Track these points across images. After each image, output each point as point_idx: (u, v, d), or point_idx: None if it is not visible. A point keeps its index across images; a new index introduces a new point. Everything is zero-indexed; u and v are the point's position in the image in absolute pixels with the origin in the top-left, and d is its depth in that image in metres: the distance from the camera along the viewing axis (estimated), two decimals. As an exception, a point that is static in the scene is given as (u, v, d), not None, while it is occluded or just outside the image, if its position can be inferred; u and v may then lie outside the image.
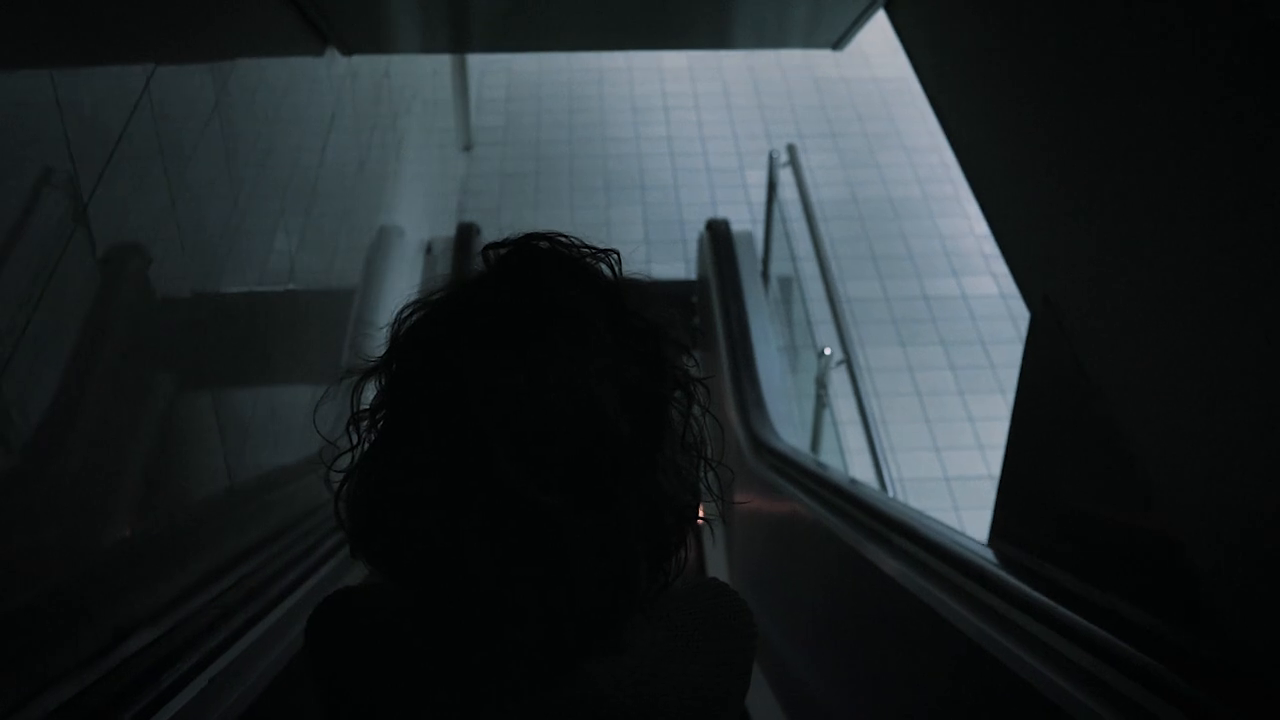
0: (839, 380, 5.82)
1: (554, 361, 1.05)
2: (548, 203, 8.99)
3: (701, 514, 1.23)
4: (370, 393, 1.15)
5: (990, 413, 7.29)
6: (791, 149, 7.13)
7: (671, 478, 1.13)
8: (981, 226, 8.68)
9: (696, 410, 1.17)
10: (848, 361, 5.70)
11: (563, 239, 1.13)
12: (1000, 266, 8.31)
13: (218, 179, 2.71)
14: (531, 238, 1.13)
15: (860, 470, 6.06)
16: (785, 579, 4.67)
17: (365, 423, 1.14)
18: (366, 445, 1.14)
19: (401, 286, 6.01)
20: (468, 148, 9.54)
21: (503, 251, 1.13)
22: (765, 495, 4.98)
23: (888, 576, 2.73)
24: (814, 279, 6.97)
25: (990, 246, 8.60)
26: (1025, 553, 2.48)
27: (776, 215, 7.32)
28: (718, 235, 6.80)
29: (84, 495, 1.89)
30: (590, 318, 1.08)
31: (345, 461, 1.15)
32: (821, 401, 5.87)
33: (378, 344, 1.14)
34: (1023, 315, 8.10)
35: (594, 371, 1.06)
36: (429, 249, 6.70)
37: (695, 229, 8.68)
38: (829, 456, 6.03)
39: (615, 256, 1.15)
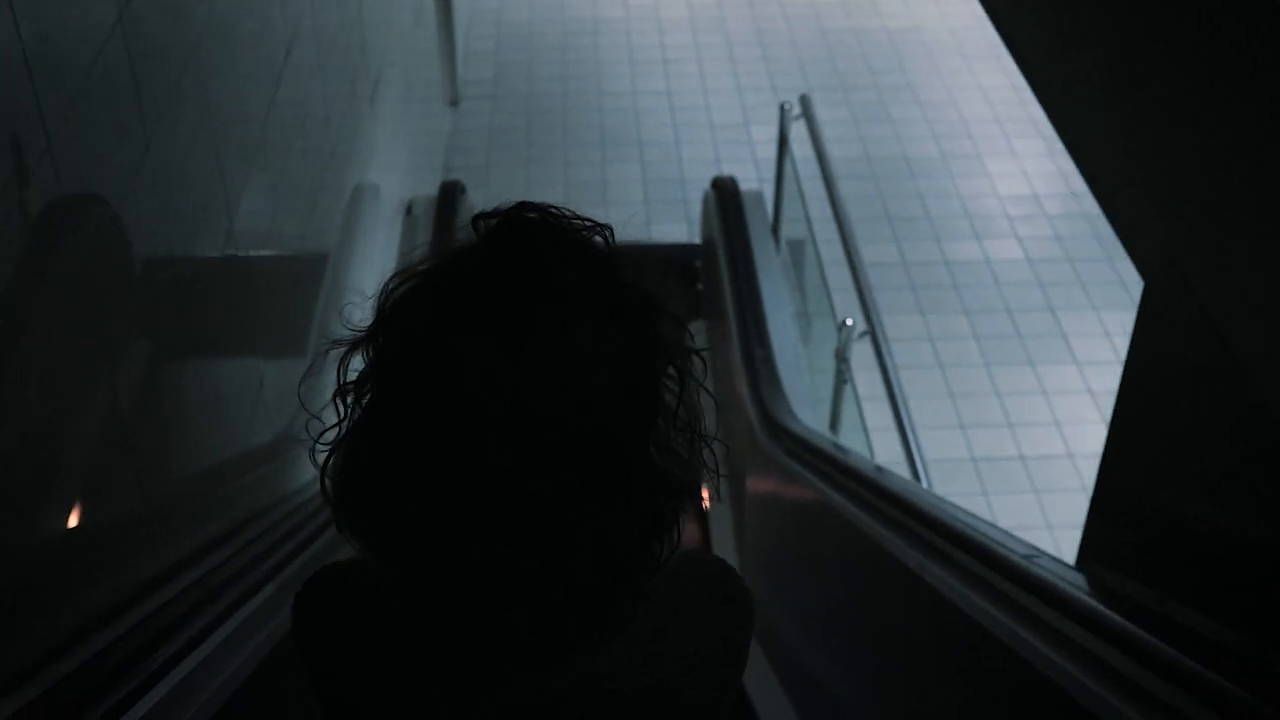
0: (860, 353, 5.27)
1: (542, 341, 1.03)
2: (540, 160, 8.40)
3: (706, 500, 1.19)
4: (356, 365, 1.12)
5: (1019, 387, 6.74)
6: (804, 100, 6.54)
7: (666, 456, 1.11)
8: (1006, 186, 8.11)
9: (692, 385, 1.13)
10: (872, 333, 5.14)
11: (553, 210, 1.11)
12: (1027, 229, 7.75)
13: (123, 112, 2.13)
14: (522, 207, 1.10)
15: (885, 453, 5.52)
16: (801, 571, 4.22)
17: (351, 396, 1.11)
18: (352, 420, 1.11)
19: (377, 250, 5.45)
20: (454, 102, 8.94)
21: (492, 222, 1.10)
22: (780, 481, 4.46)
23: (930, 587, 2.39)
24: (830, 242, 6.40)
25: (1016, 208, 8.03)
26: (1132, 582, 1.95)
27: (789, 172, 6.73)
28: (725, 195, 6.22)
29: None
30: (580, 294, 1.06)
31: (322, 437, 1.14)
32: (842, 377, 5.31)
33: (363, 314, 1.11)
34: (1054, 281, 7.65)
35: (584, 351, 1.04)
36: (409, 209, 6.12)
37: (698, 188, 8.09)
38: (850, 437, 5.49)
39: (608, 230, 1.12)
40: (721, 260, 5.92)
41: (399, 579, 1.12)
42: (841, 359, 5.29)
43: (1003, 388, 6.74)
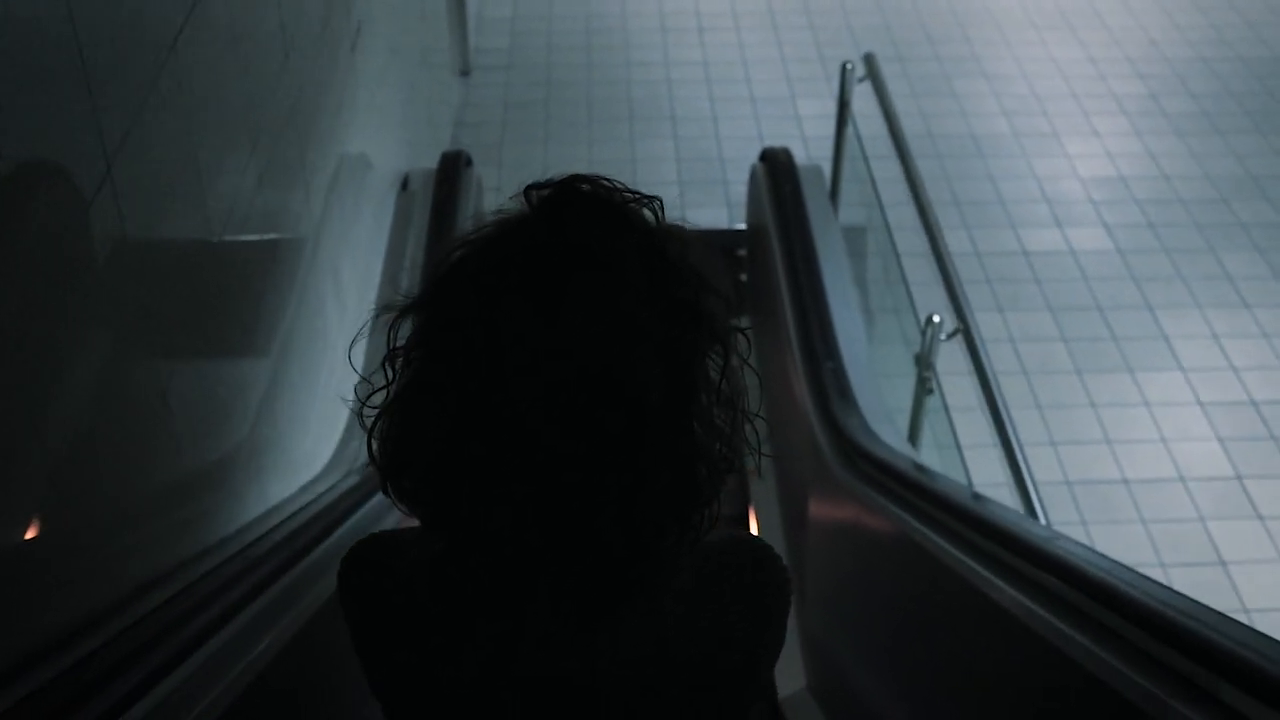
0: (950, 356, 4.33)
1: (586, 308, 1.05)
2: (561, 137, 7.45)
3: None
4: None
5: (1117, 397, 5.76)
6: (869, 59, 5.58)
7: (707, 429, 1.12)
8: (1088, 168, 7.13)
9: (736, 362, 1.15)
10: (966, 332, 4.18)
11: (605, 182, 1.13)
12: (1116, 216, 6.77)
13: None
14: (575, 179, 1.12)
15: (977, 475, 4.56)
16: (877, 612, 3.46)
17: (400, 361, 1.14)
18: (400, 384, 1.15)
19: (364, 231, 4.50)
20: (464, 72, 8.00)
21: (545, 193, 1.12)
22: (856, 511, 3.59)
23: (1047, 642, 1.88)
24: (902, 228, 5.44)
25: (1101, 192, 7.05)
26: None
27: (850, 145, 5.77)
28: (778, 170, 5.25)
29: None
30: (626, 265, 1.08)
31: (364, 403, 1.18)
32: (926, 385, 4.35)
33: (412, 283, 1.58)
34: (1151, 276, 6.51)
35: (626, 320, 1.06)
36: (404, 184, 5.18)
37: (739, 168, 7.14)
38: (932, 457, 4.54)
39: (658, 202, 1.14)
40: (775, 248, 4.96)
41: (440, 545, 1.17)
42: (925, 364, 4.34)
43: (1099, 398, 5.76)
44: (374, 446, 1.16)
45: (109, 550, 1.96)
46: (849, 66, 5.59)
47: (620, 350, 1.05)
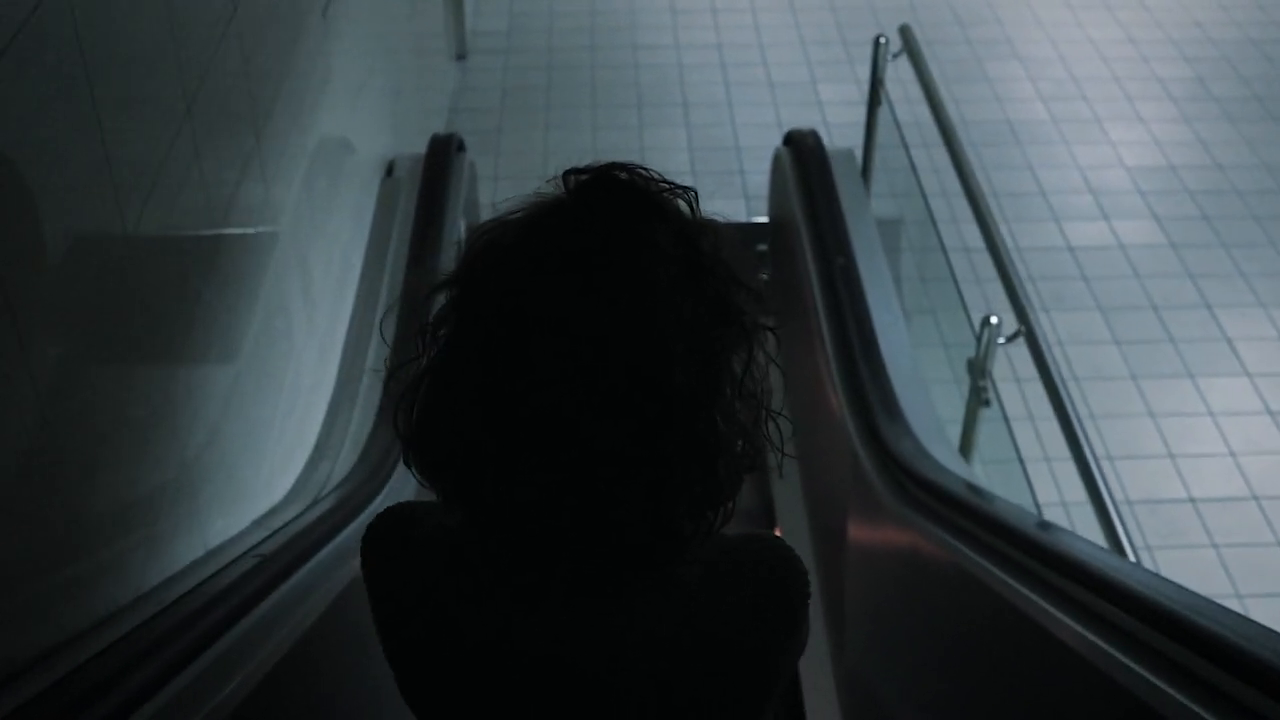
0: (1011, 361, 3.79)
1: (617, 291, 1.06)
2: (563, 124, 6.90)
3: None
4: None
5: (1179, 405, 5.21)
6: (905, 31, 5.03)
7: (729, 424, 1.12)
8: (1134, 156, 6.58)
9: (762, 359, 1.15)
10: (1029, 335, 3.64)
11: (642, 171, 1.13)
12: (1167, 207, 6.22)
13: None
14: (612, 167, 1.13)
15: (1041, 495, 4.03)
16: (928, 651, 3.00)
17: (429, 335, 1.15)
18: (430, 358, 1.16)
19: (345, 222, 3.97)
20: (460, 56, 7.45)
21: (583, 178, 1.12)
22: (909, 543, 3.09)
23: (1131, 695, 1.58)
24: (947, 221, 4.91)
25: (1150, 181, 6.50)
26: None
27: (882, 129, 5.23)
28: (806, 155, 4.69)
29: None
30: (659, 253, 1.08)
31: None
32: (981, 395, 3.80)
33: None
34: (1208, 272, 5.82)
35: (656, 305, 1.07)
36: (390, 169, 4.64)
37: (756, 157, 6.60)
38: (991, 474, 4.00)
39: (693, 194, 1.17)
40: (803, 243, 4.41)
41: (460, 518, 1.17)
42: (981, 371, 3.79)
43: (1158, 406, 5.21)
44: (399, 420, 1.16)
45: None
46: (883, 41, 5.04)
47: (653, 336, 1.06)
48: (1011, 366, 4.64)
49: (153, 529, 2.13)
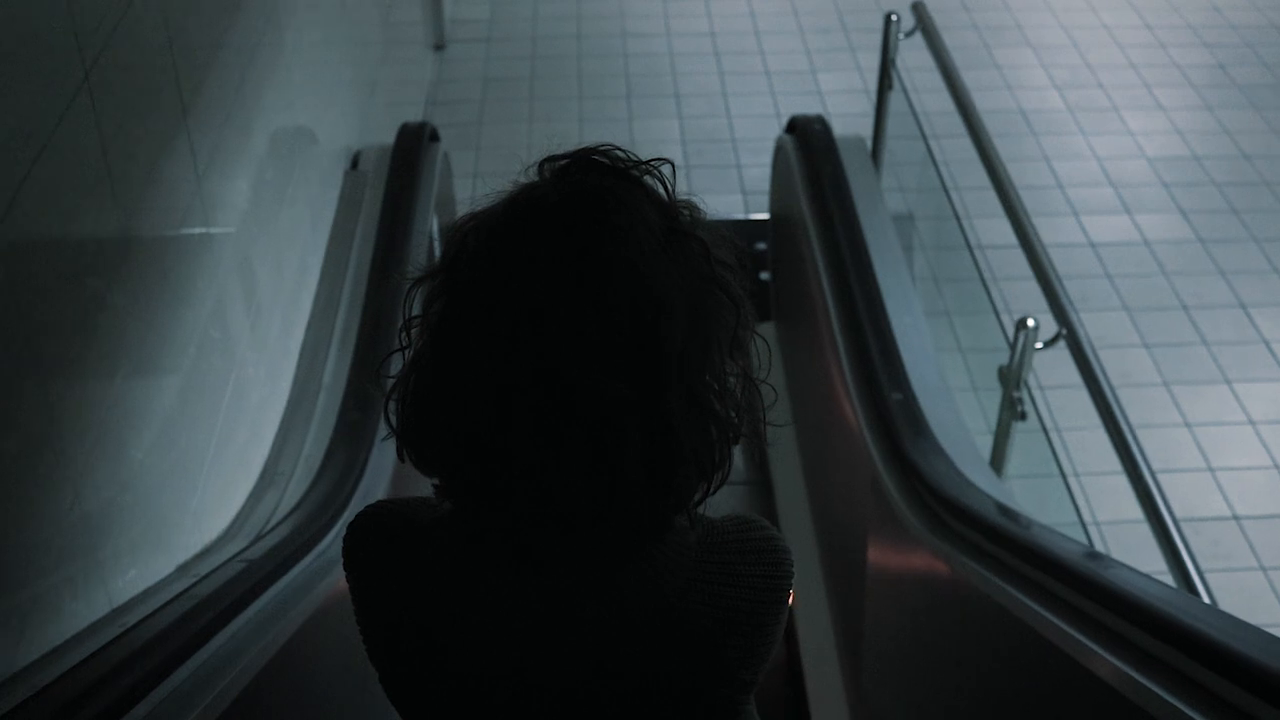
0: (1050, 368, 3.38)
1: (610, 250, 1.07)
2: (548, 116, 6.48)
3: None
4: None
5: (1215, 413, 4.80)
6: (919, 8, 4.62)
7: (721, 387, 1.14)
8: (1155, 146, 6.18)
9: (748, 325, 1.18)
10: (1070, 337, 3.23)
11: (619, 151, 1.17)
12: (1192, 200, 5.82)
13: None
14: (588, 150, 1.16)
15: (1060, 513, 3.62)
16: (957, 694, 2.63)
17: (417, 325, 1.16)
18: (418, 348, 1.17)
19: (302, 221, 3.55)
20: (439, 46, 7.03)
21: (561, 163, 1.15)
22: (945, 578, 2.70)
23: None
24: (945, 216, 4.50)
25: (1173, 172, 6.09)
26: None
27: (891, 114, 4.82)
28: (813, 143, 4.28)
29: None
30: (644, 218, 1.10)
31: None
32: (1016, 408, 3.39)
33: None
34: (1241, 269, 5.35)
35: (650, 266, 1.08)
36: (354, 162, 4.22)
37: (753, 150, 6.20)
38: (1026, 495, 3.59)
39: (670, 167, 1.19)
40: (810, 241, 3.99)
41: (450, 508, 1.17)
42: (1016, 380, 3.37)
43: (1193, 414, 4.80)
44: (390, 413, 1.17)
45: None
46: (894, 18, 4.62)
47: (650, 294, 1.07)
48: (1036, 375, 4.24)
49: (32, 589, 1.71)
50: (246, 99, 2.97)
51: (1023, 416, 3.37)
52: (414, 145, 4.16)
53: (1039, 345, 3.32)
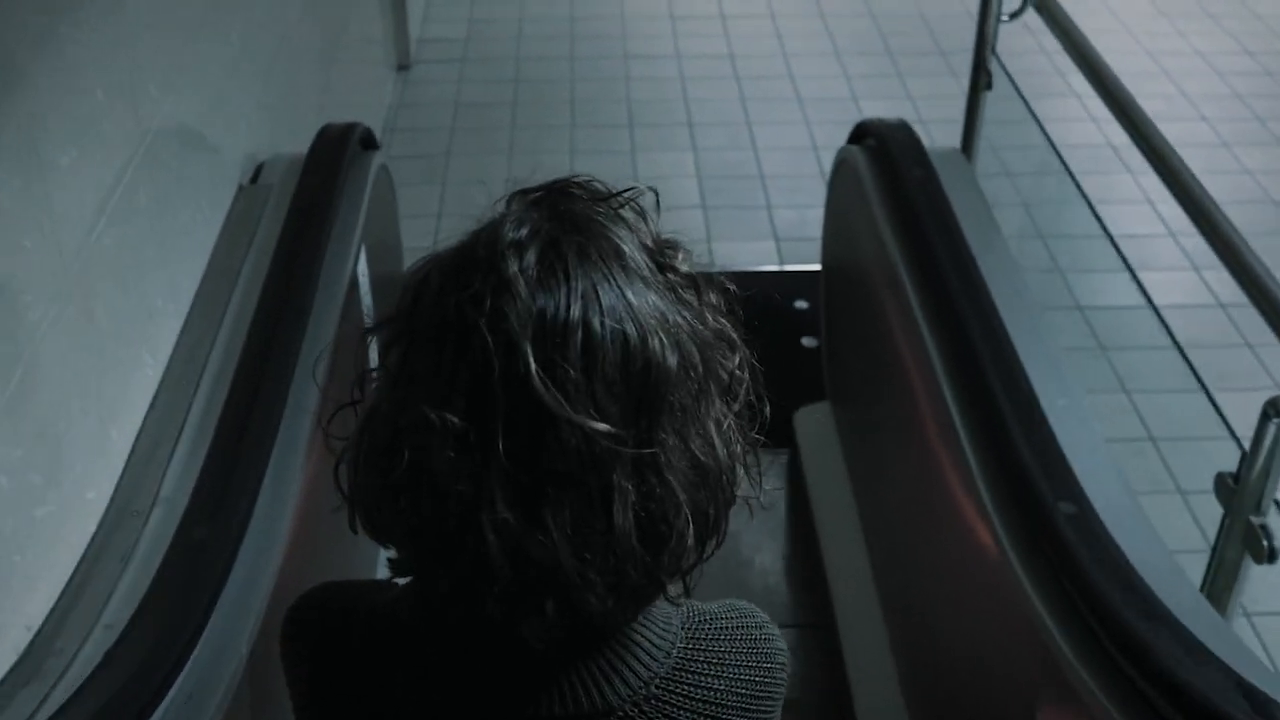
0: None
1: (590, 285, 0.93)
2: (532, 146, 5.29)
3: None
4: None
5: None
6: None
7: (716, 441, 1.00)
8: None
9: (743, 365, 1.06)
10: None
11: (598, 183, 1.05)
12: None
13: None
14: (563, 181, 1.04)
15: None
16: None
17: (375, 373, 1.03)
18: (376, 394, 1.03)
19: (176, 235, 2.33)
20: (403, 66, 5.85)
21: (534, 195, 1.02)
22: None
23: None
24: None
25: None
26: None
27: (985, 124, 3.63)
28: (896, 154, 3.05)
29: None
30: (629, 251, 0.98)
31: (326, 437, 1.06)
32: (1258, 539, 2.13)
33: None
34: None
35: (635, 298, 0.95)
36: (256, 174, 2.99)
37: (785, 187, 5.03)
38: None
39: (654, 196, 1.08)
40: (905, 287, 2.74)
41: (404, 589, 1.07)
42: (1257, 500, 2.13)
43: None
44: (342, 476, 1.02)
45: None
46: (995, -8, 3.43)
47: (637, 324, 0.93)
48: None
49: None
50: (111, 101, 1.75)
51: (1272, 557, 2.11)
52: (333, 153, 2.93)
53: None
